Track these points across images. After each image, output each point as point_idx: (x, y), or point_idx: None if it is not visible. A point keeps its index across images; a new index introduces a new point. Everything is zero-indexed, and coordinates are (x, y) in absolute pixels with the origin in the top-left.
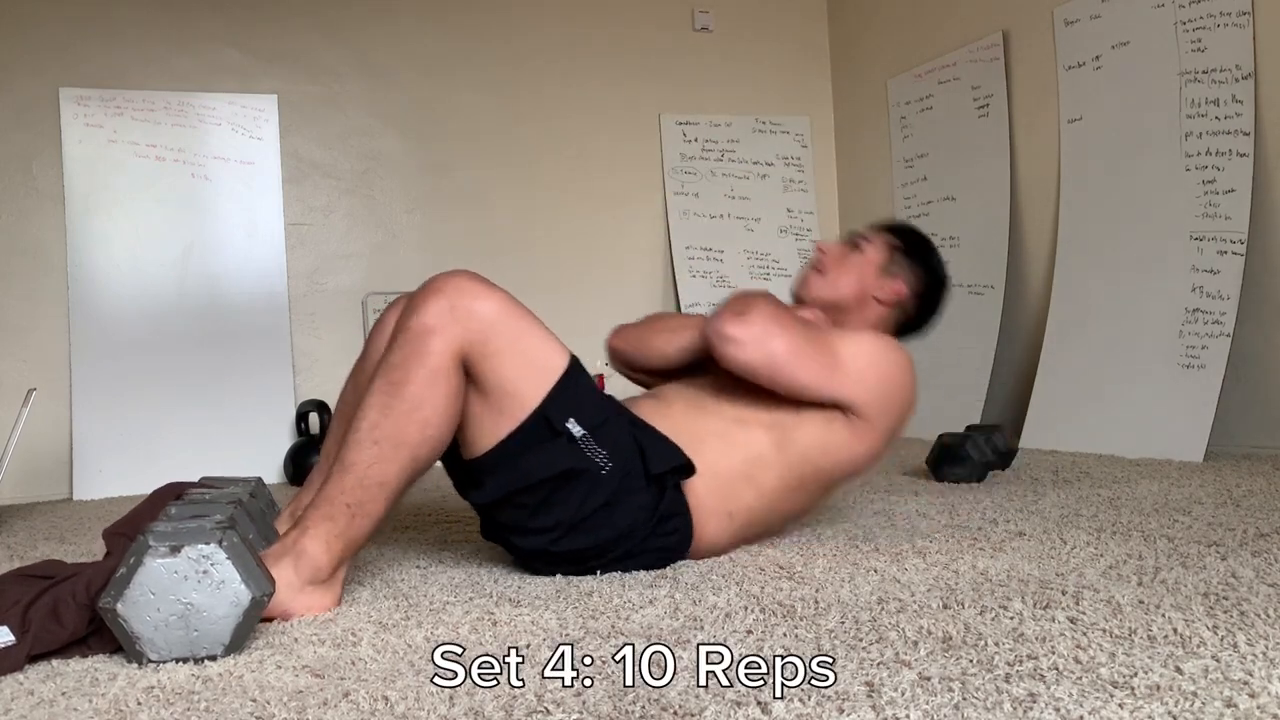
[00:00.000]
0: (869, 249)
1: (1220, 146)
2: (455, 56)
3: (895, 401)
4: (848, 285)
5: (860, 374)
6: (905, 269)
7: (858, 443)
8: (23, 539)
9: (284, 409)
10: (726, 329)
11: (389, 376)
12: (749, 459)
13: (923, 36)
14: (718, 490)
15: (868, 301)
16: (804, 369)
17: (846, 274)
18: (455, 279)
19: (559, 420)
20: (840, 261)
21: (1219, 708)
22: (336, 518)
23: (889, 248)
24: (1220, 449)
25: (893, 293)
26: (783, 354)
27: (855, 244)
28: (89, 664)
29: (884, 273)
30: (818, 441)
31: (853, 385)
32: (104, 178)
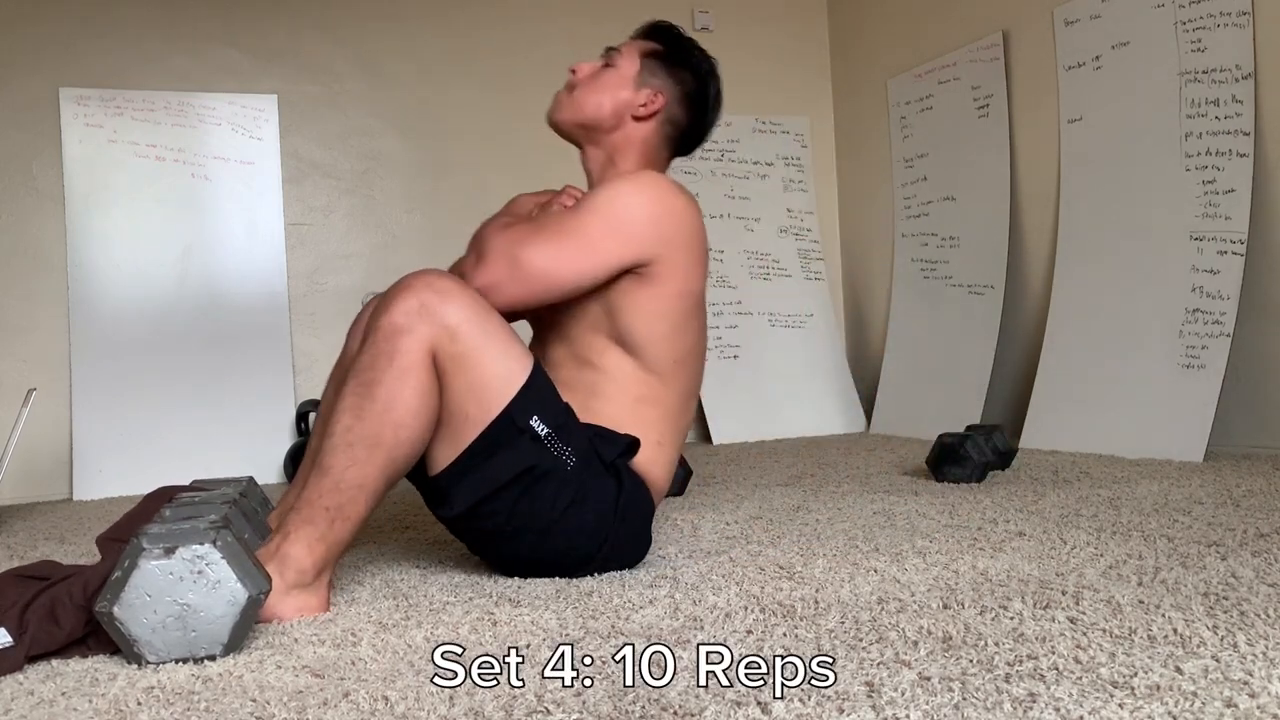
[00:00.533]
0: (621, 61)
1: (1220, 146)
2: (455, 56)
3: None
4: (598, 104)
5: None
6: (662, 75)
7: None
8: (22, 539)
9: (284, 409)
10: (478, 283)
11: (360, 377)
12: (627, 383)
13: (923, 36)
14: (636, 432)
15: (626, 119)
16: (564, 267)
17: (596, 91)
18: (425, 277)
19: (522, 419)
20: (591, 79)
21: (1219, 708)
22: (317, 521)
23: (641, 55)
24: (1220, 449)
25: (653, 103)
26: (537, 271)
27: (609, 60)
28: (89, 664)
29: (639, 84)
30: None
31: (615, 249)
32: (104, 178)
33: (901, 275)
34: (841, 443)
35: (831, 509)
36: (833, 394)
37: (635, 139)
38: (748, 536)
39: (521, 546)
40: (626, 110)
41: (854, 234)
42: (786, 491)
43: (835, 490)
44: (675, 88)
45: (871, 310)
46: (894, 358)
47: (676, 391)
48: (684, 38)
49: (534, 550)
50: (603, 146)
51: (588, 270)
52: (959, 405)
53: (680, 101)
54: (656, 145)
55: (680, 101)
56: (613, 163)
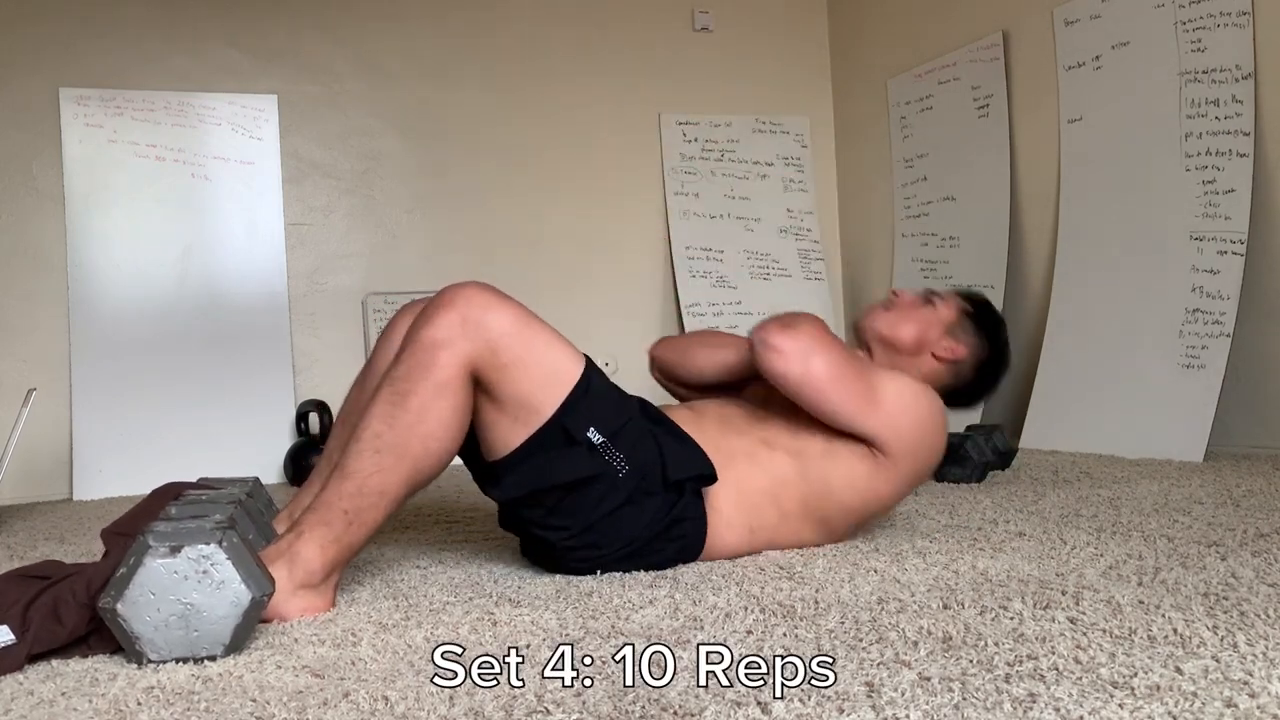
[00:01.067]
0: (941, 306)
1: (1220, 146)
2: (455, 56)
3: (923, 447)
4: (910, 331)
5: (894, 413)
6: (970, 335)
7: (881, 481)
8: (23, 539)
9: (284, 409)
10: (772, 337)
11: (395, 387)
12: (774, 480)
13: (923, 36)
14: (741, 505)
15: (925, 354)
16: (839, 393)
17: (912, 321)
18: (466, 291)
19: (578, 430)
20: (910, 308)
21: (1219, 708)
22: (333, 523)
23: (960, 311)
24: (1220, 449)
25: (951, 353)
26: (821, 373)
27: (929, 299)
28: (89, 664)
29: (949, 332)
30: (840, 474)
31: (885, 422)
32: (104, 178)
33: (901, 275)
34: None
35: None
36: None
37: (924, 371)
38: None
39: (554, 534)
40: (929, 348)
41: (854, 234)
42: None
43: None
44: (976, 350)
45: None
46: None
47: (801, 528)
48: (998, 315)
49: (564, 540)
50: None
51: (852, 414)
52: None
53: (974, 363)
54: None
55: (974, 363)
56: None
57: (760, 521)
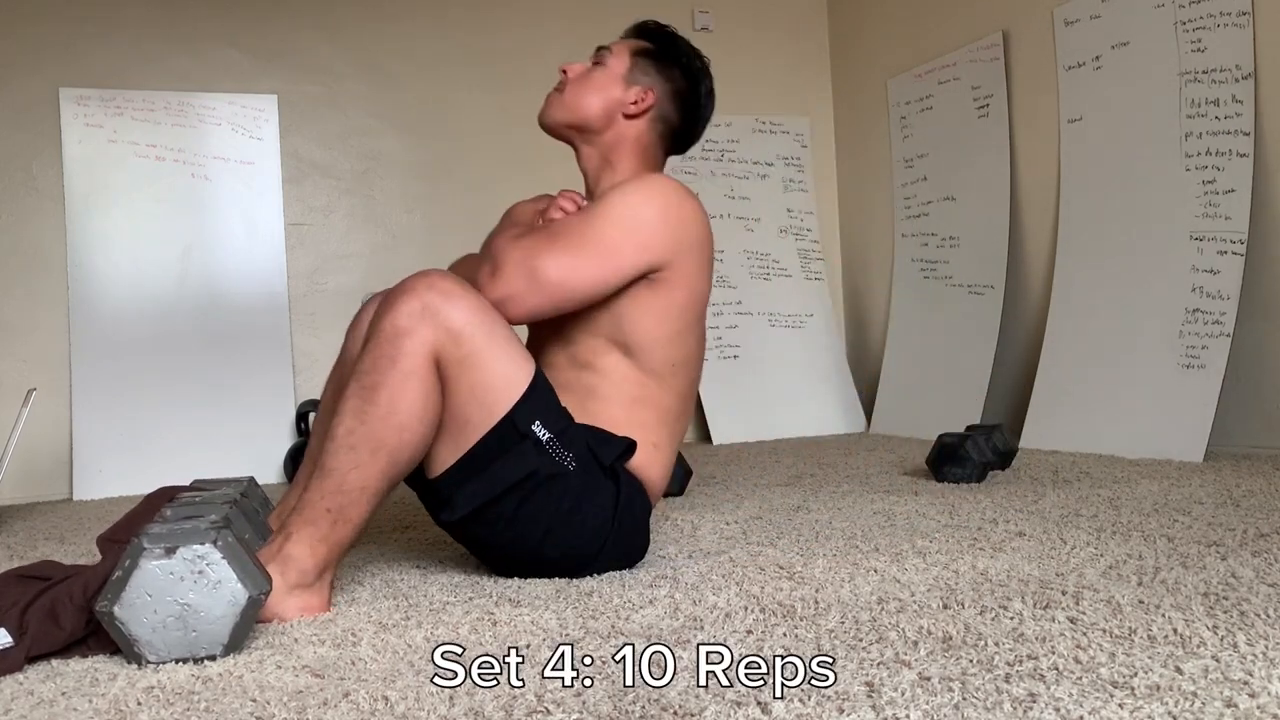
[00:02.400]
0: (611, 60)
1: (1220, 146)
2: (455, 56)
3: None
4: (590, 104)
5: (633, 238)
6: (652, 72)
7: (679, 290)
8: (23, 539)
9: (284, 409)
10: (489, 296)
11: (362, 380)
12: (625, 384)
13: (923, 36)
14: (632, 435)
15: (617, 118)
16: (583, 276)
17: (587, 91)
18: (427, 278)
19: (525, 424)
20: (581, 79)
21: (1219, 708)
22: (319, 523)
23: (630, 54)
24: (1220, 449)
25: (641, 101)
26: (555, 280)
27: (599, 59)
28: (89, 664)
29: (628, 81)
30: (651, 324)
31: (632, 256)
32: (104, 178)
33: (901, 275)
34: (841, 443)
35: (831, 509)
36: (832, 394)
37: (628, 137)
38: (748, 536)
39: (522, 549)
40: (617, 109)
41: (854, 234)
42: (786, 491)
43: (835, 490)
44: (665, 85)
45: (871, 310)
46: (894, 358)
47: (674, 394)
48: (674, 35)
49: (534, 553)
50: (596, 146)
51: (606, 278)
52: (959, 405)
53: (671, 99)
54: (650, 143)
55: (671, 99)
56: (608, 162)
57: (648, 431)
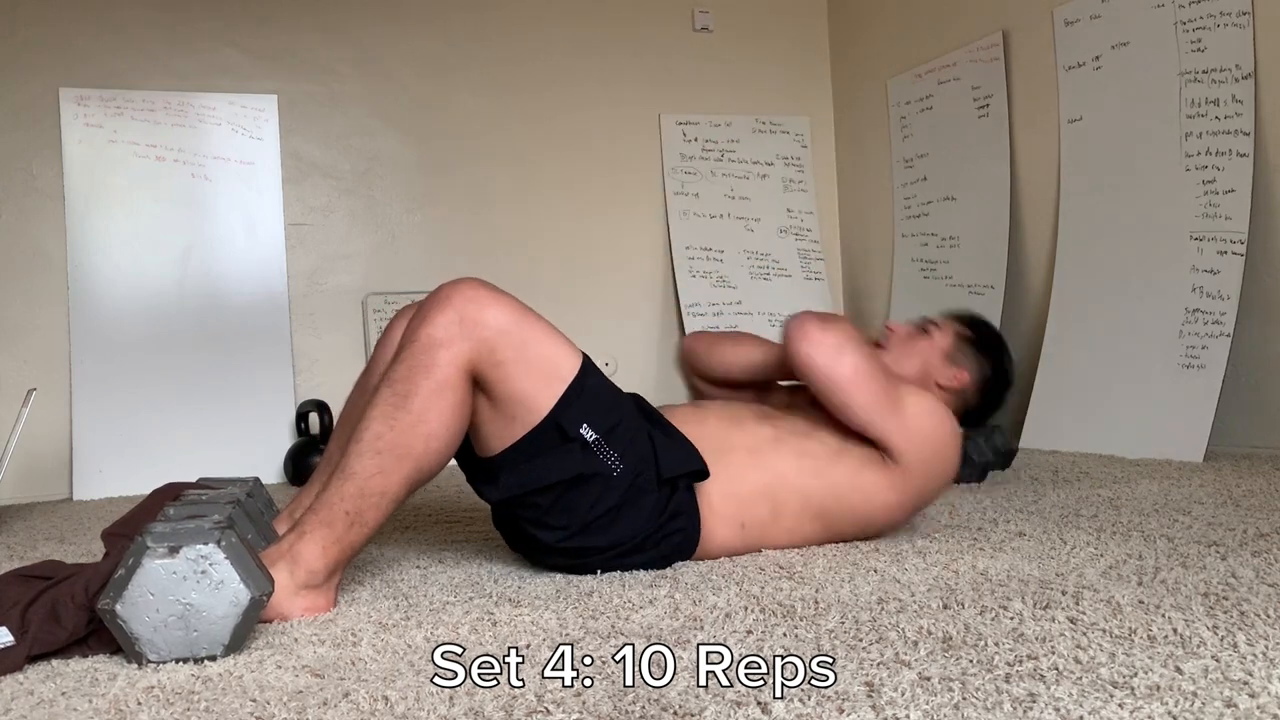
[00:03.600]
0: (937, 335)
1: (1220, 146)
2: (455, 56)
3: (937, 463)
4: (911, 365)
5: (914, 422)
6: (971, 359)
7: (889, 490)
8: (23, 539)
9: (284, 409)
10: (808, 326)
11: (394, 388)
12: (773, 477)
13: (923, 36)
14: (734, 500)
15: (930, 386)
16: (865, 393)
17: (911, 355)
18: (463, 288)
19: (572, 427)
20: (906, 341)
21: (1219, 708)
22: (334, 524)
23: (957, 337)
24: (1220, 449)
25: (955, 380)
26: (850, 370)
27: (924, 328)
28: (89, 664)
29: (949, 360)
30: (848, 476)
31: (904, 428)
32: (104, 178)
33: (901, 275)
34: None
35: None
36: None
37: None
38: None
39: (550, 535)
40: (931, 379)
41: (854, 234)
42: None
43: None
44: (978, 373)
45: (871, 310)
46: None
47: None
48: (996, 333)
49: (559, 540)
50: None
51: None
52: None
53: (978, 387)
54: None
55: (978, 387)
56: None
57: (751, 517)
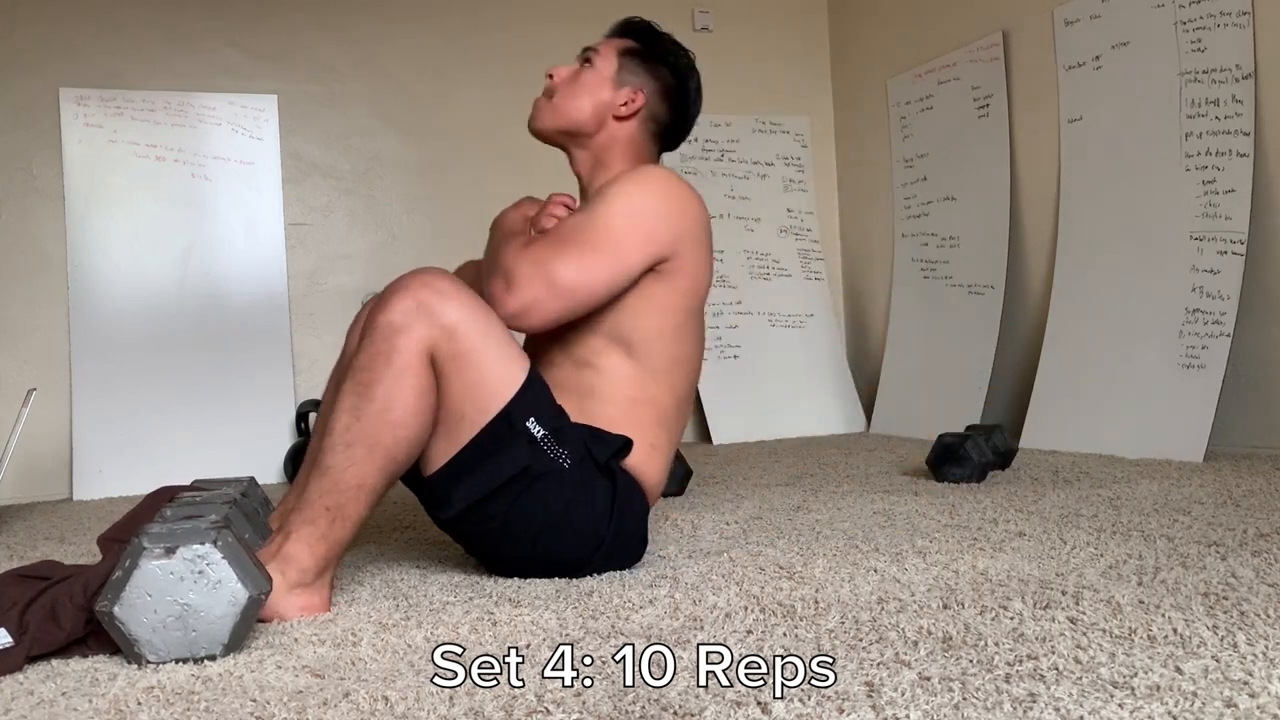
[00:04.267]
0: (599, 61)
1: (1220, 146)
2: (455, 56)
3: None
4: (579, 107)
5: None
6: (640, 72)
7: (683, 280)
8: (23, 539)
9: (284, 409)
10: (508, 309)
11: (358, 377)
12: (624, 384)
13: (923, 36)
14: (630, 435)
15: (608, 120)
16: (596, 277)
17: (575, 94)
18: (422, 276)
19: (520, 421)
20: (569, 83)
21: (1219, 708)
22: (317, 521)
23: (619, 54)
24: (1220, 449)
25: (631, 102)
26: (571, 284)
27: (587, 59)
28: (89, 664)
29: (617, 83)
30: (652, 318)
31: (640, 249)
32: (104, 178)
33: (901, 275)
34: (841, 443)
35: (831, 509)
36: (832, 394)
37: (620, 138)
38: (748, 536)
39: (519, 547)
40: (607, 111)
41: (854, 234)
42: (786, 491)
43: (835, 490)
44: (654, 84)
45: (871, 310)
46: (894, 358)
47: (673, 394)
48: (660, 33)
49: (531, 550)
50: (589, 149)
51: (620, 275)
52: (959, 405)
53: (661, 97)
54: (642, 142)
55: (661, 97)
56: (601, 164)
57: (645, 431)
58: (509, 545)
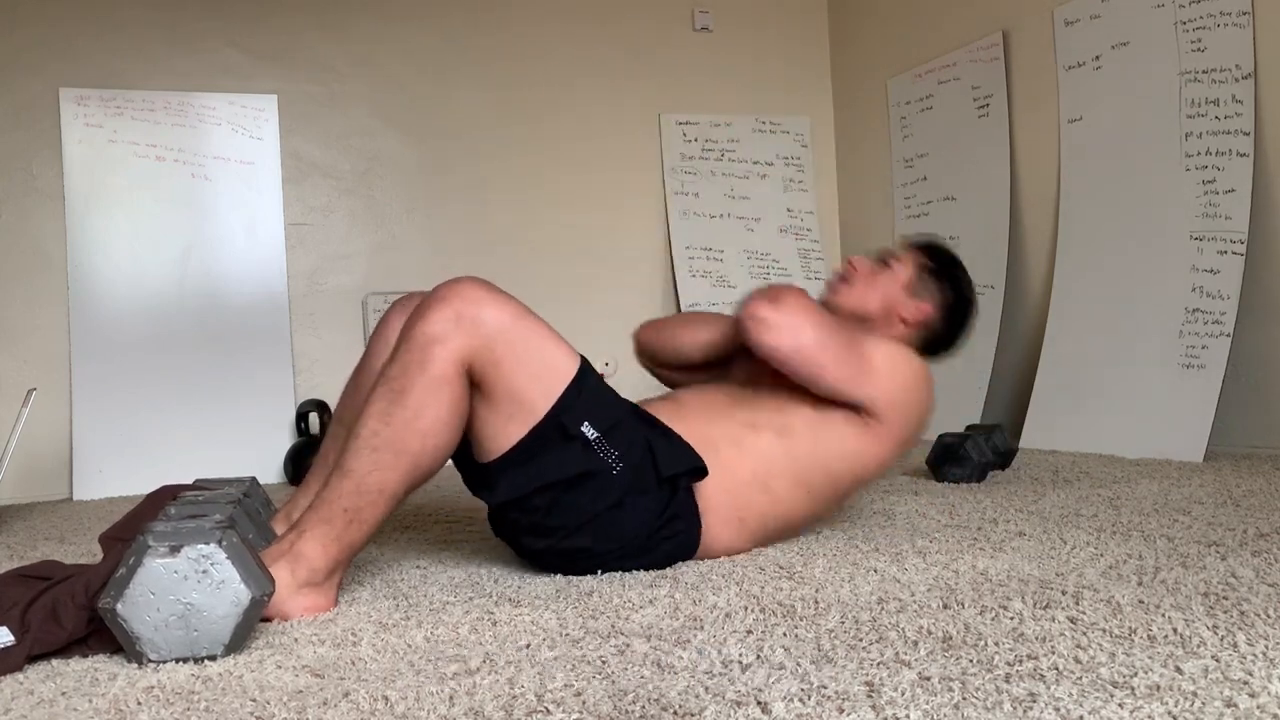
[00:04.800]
0: (898, 267)
1: (1220, 146)
2: (455, 56)
3: (913, 407)
4: (874, 301)
5: (885, 377)
6: (933, 289)
7: (873, 445)
8: (23, 539)
9: (284, 409)
10: (760, 311)
11: (390, 384)
12: (761, 464)
13: (923, 36)
14: (730, 494)
15: (893, 320)
16: (831, 361)
17: (874, 290)
18: (461, 286)
19: (573, 425)
20: (869, 277)
21: (1219, 708)
22: (334, 521)
23: (918, 267)
24: (1220, 449)
25: (919, 312)
26: (812, 343)
27: (885, 261)
28: (89, 664)
29: (911, 292)
30: (832, 445)
31: (877, 386)
32: (104, 178)
33: None
34: None
35: None
36: None
37: (896, 336)
38: None
39: (550, 538)
40: (896, 312)
41: (854, 234)
42: None
43: None
44: (941, 301)
45: None
46: None
47: (783, 508)
48: (955, 258)
49: (560, 542)
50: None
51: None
52: (959, 405)
53: (942, 314)
54: (912, 343)
55: (942, 314)
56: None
57: (748, 510)
58: (539, 535)
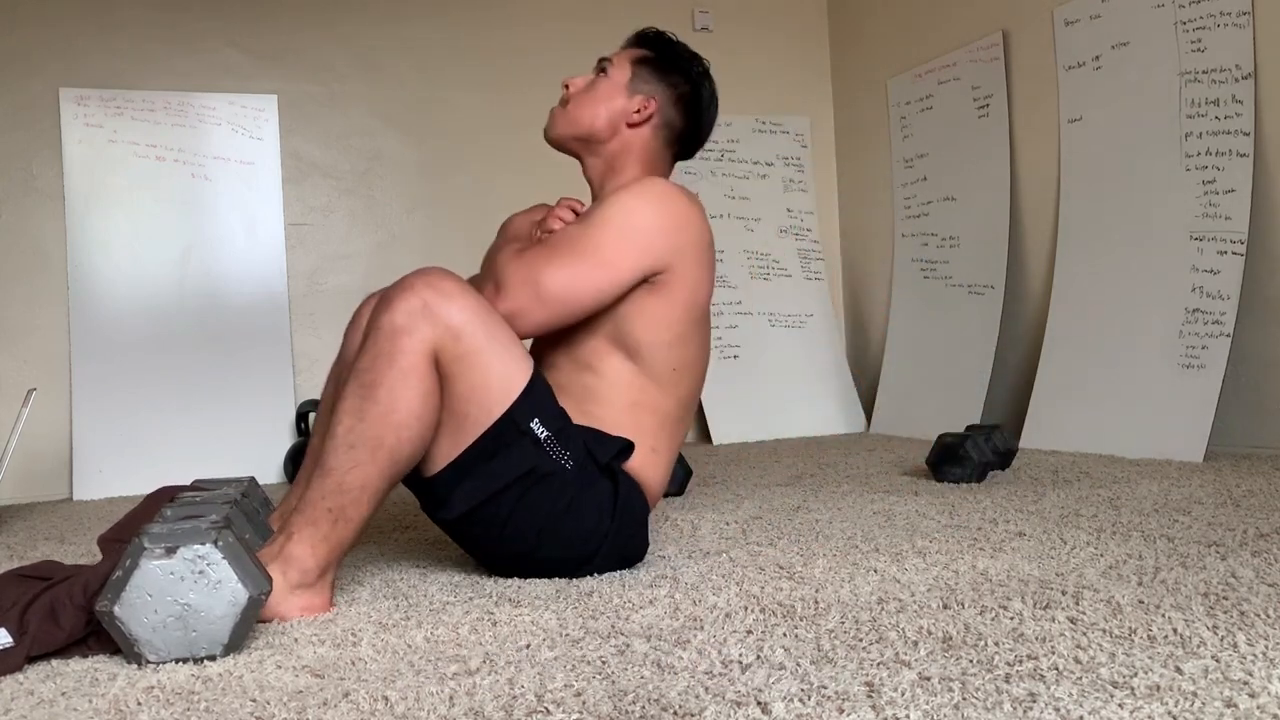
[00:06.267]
0: (613, 70)
1: (1220, 146)
2: (456, 56)
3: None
4: (592, 115)
5: (631, 245)
6: (654, 80)
7: (680, 292)
8: (23, 539)
9: (284, 409)
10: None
11: (361, 378)
12: (625, 388)
13: (923, 36)
14: (632, 438)
15: (621, 128)
16: (586, 287)
17: (589, 103)
18: (427, 276)
19: (524, 421)
20: (584, 92)
21: (1219, 708)
22: (319, 522)
23: (631, 63)
24: (1220, 449)
25: (644, 109)
26: (560, 294)
27: (601, 69)
28: (89, 664)
29: (631, 90)
30: (652, 328)
31: (631, 262)
32: (104, 178)
33: (901, 275)
34: (841, 443)
35: (831, 509)
36: (833, 394)
37: (633, 146)
38: (748, 536)
39: (519, 548)
40: (621, 118)
41: (854, 234)
42: (786, 491)
43: (835, 490)
44: (668, 92)
45: (871, 310)
46: (894, 358)
47: (675, 399)
48: (674, 42)
49: (531, 552)
50: (601, 156)
51: (608, 287)
52: (959, 405)
53: (674, 105)
54: (655, 150)
55: (674, 105)
56: (613, 171)
57: (647, 436)
58: (509, 545)
